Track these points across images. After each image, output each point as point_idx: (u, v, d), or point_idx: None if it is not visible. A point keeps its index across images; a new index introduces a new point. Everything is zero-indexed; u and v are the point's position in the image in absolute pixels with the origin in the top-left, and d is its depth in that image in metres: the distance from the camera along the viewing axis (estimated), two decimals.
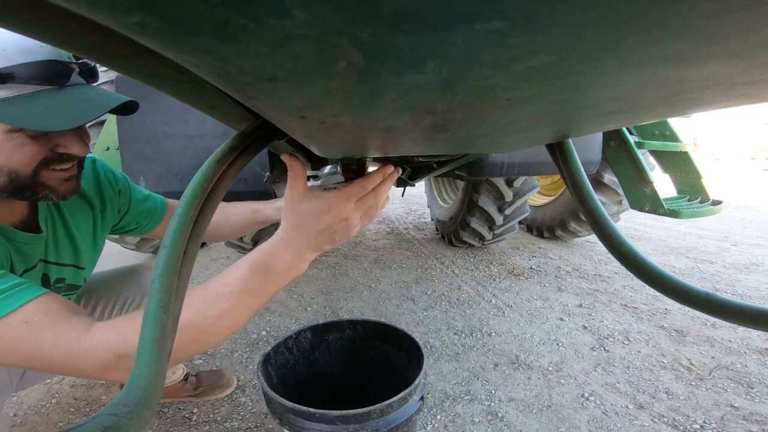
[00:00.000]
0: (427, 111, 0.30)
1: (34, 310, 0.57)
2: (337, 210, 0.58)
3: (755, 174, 10.94)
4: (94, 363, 0.56)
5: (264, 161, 1.33)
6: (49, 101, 0.61)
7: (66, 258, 0.86)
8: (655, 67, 0.23)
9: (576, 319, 1.98)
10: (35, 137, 0.64)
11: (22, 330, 0.55)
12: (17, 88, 0.59)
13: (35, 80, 0.60)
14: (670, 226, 3.99)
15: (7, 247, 0.71)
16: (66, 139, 0.67)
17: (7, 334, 0.55)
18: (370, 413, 0.77)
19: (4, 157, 0.62)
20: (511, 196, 2.46)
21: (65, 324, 0.57)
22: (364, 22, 0.16)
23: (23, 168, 0.64)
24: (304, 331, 1.10)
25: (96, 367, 0.56)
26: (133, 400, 0.29)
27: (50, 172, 0.68)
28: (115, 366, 0.56)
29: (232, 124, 0.54)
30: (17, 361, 0.56)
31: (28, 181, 0.65)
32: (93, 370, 0.56)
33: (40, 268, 0.81)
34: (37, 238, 0.78)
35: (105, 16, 0.16)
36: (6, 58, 0.58)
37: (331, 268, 2.66)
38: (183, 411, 1.33)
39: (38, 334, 0.55)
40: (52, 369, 0.57)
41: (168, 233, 0.40)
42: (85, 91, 0.66)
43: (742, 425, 1.27)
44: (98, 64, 0.32)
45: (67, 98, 0.63)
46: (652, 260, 0.59)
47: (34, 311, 0.57)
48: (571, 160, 0.66)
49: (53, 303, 0.59)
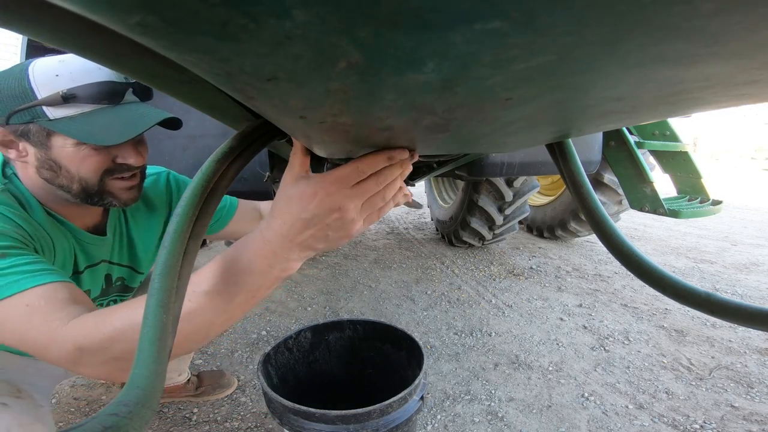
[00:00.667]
0: (427, 111, 0.30)
1: (40, 295, 0.58)
2: (324, 196, 0.45)
3: (755, 174, 10.94)
4: (60, 354, 0.55)
5: (264, 161, 1.33)
6: (105, 118, 0.69)
7: (125, 260, 0.94)
8: (655, 68, 0.23)
9: (576, 319, 1.98)
10: (98, 149, 0.71)
11: (20, 312, 0.56)
12: (80, 107, 0.67)
13: (94, 99, 0.68)
14: (670, 226, 3.99)
15: (72, 243, 0.80)
16: (123, 151, 0.75)
17: (7, 313, 0.56)
18: (370, 413, 0.77)
19: (75, 167, 0.71)
20: (511, 196, 2.46)
21: (59, 312, 0.57)
22: (364, 22, 0.16)
23: (91, 176, 0.73)
24: (304, 330, 1.10)
25: (63, 358, 0.55)
26: (133, 400, 0.29)
27: (114, 181, 0.76)
28: (77, 358, 0.54)
29: (232, 124, 0.54)
30: (9, 341, 0.57)
31: (96, 188, 0.74)
32: (62, 360, 0.56)
33: (104, 267, 0.89)
34: (102, 241, 0.86)
35: (105, 16, 0.16)
36: (71, 80, 0.66)
37: (331, 268, 2.66)
38: (183, 411, 1.33)
39: (31, 318, 0.56)
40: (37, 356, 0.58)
41: (168, 233, 0.40)
42: (137, 108, 0.73)
43: (742, 425, 1.27)
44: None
45: (121, 115, 0.71)
46: (652, 260, 0.59)
47: (39, 296, 0.58)
48: (571, 160, 0.66)
49: (61, 292, 0.60)
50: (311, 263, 2.76)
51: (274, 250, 0.49)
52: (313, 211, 0.46)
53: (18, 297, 0.57)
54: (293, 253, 0.49)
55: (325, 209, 0.46)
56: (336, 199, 0.46)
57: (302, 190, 0.46)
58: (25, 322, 0.56)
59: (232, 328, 1.86)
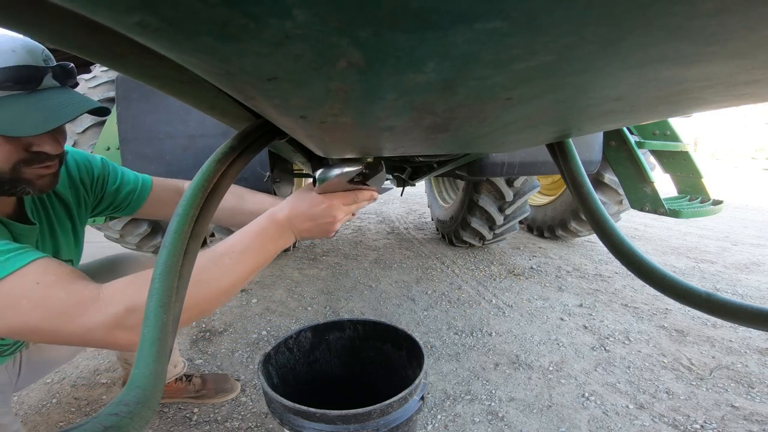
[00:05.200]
0: (427, 111, 0.30)
1: (44, 271, 0.58)
2: (329, 205, 0.69)
3: (755, 174, 10.93)
4: (105, 316, 0.57)
5: (264, 161, 1.33)
6: (18, 106, 0.64)
7: (48, 249, 0.89)
8: (655, 67, 0.23)
9: (576, 318, 1.98)
10: (8, 138, 0.66)
11: (34, 290, 0.56)
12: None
13: (5, 86, 0.62)
14: (670, 226, 3.99)
15: (7, 235, 0.76)
16: (39, 139, 0.69)
17: (18, 293, 0.56)
18: (371, 413, 0.77)
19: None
20: (511, 196, 2.46)
21: (76, 283, 0.59)
22: (365, 22, 0.16)
23: (2, 166, 0.68)
24: (304, 330, 1.10)
25: (107, 321, 0.57)
26: (133, 400, 0.29)
27: (31, 169, 0.71)
28: (124, 320, 0.57)
29: (233, 123, 0.54)
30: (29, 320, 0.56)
31: (7, 177, 0.69)
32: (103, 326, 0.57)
33: None
34: (31, 230, 0.82)
35: (105, 16, 0.16)
36: None
37: (332, 268, 2.66)
38: (183, 411, 1.33)
39: (51, 292, 0.57)
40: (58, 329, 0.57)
41: (168, 233, 0.40)
42: (57, 96, 0.68)
43: (743, 425, 1.27)
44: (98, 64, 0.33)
45: (37, 103, 0.65)
46: (653, 260, 0.59)
47: (44, 272, 0.58)
48: (572, 160, 0.66)
49: (60, 266, 0.61)
50: (312, 263, 2.76)
51: (282, 227, 0.70)
52: (318, 212, 0.69)
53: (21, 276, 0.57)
54: (292, 234, 0.71)
55: (326, 214, 0.70)
56: (335, 209, 0.70)
57: (314, 197, 0.70)
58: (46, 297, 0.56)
59: (232, 328, 1.86)
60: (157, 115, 1.28)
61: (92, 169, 0.96)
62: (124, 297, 0.58)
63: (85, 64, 2.07)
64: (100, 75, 2.27)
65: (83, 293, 0.58)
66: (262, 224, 0.69)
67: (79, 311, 0.57)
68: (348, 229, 3.79)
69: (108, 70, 2.32)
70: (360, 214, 4.46)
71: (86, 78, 2.27)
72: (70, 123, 2.18)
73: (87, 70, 2.36)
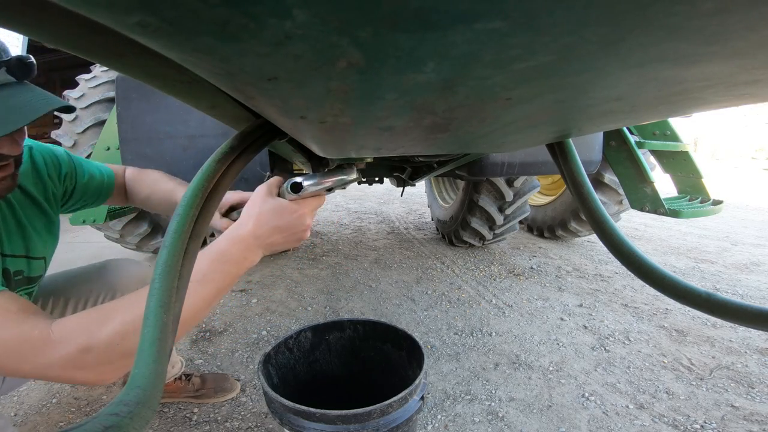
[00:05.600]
0: (427, 111, 0.30)
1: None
2: (302, 214, 0.63)
3: (756, 174, 10.93)
4: (57, 358, 0.54)
5: (264, 161, 1.33)
6: None
7: (18, 249, 0.85)
8: (655, 67, 0.23)
9: (576, 318, 1.98)
10: None
11: None
12: None
13: None
14: (670, 226, 3.99)
15: None
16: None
17: None
18: (371, 413, 0.77)
19: None
20: (511, 196, 2.46)
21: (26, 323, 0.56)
22: (365, 22, 0.16)
23: None
24: (304, 330, 1.10)
25: (60, 362, 0.54)
26: (133, 400, 0.29)
27: None
28: (80, 361, 0.54)
29: (233, 124, 0.54)
30: None
31: None
32: (58, 366, 0.55)
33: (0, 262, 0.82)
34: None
35: (105, 16, 0.16)
36: None
37: (332, 268, 2.66)
38: (183, 411, 1.33)
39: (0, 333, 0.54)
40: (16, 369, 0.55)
41: (168, 233, 0.40)
42: (16, 94, 0.63)
43: (743, 425, 1.27)
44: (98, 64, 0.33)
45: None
46: (653, 260, 0.59)
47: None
48: (572, 160, 0.66)
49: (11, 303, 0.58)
50: (312, 263, 2.76)
51: (247, 245, 0.61)
52: (289, 222, 0.62)
53: None
54: (259, 250, 0.63)
55: (298, 223, 0.63)
56: (308, 217, 0.64)
57: (282, 205, 0.61)
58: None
59: (232, 328, 1.86)
60: (157, 115, 1.28)
61: (59, 163, 0.93)
62: (76, 337, 0.55)
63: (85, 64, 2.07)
64: (100, 75, 2.27)
65: (32, 333, 0.55)
66: (222, 247, 0.61)
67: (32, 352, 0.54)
68: (348, 229, 3.79)
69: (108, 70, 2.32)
70: (360, 215, 4.46)
71: (86, 78, 2.27)
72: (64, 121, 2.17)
73: (87, 70, 2.35)
